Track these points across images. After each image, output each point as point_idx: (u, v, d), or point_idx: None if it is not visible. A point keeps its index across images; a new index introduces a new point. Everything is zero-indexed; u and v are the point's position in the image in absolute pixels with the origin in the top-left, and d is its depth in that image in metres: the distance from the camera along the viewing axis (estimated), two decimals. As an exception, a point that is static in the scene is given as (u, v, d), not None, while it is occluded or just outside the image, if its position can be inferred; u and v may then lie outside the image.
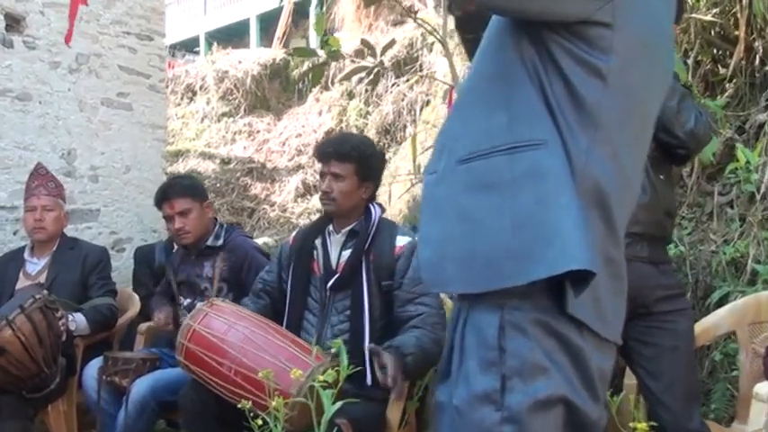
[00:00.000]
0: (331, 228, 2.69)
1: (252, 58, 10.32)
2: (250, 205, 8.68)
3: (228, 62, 10.28)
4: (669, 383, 2.33)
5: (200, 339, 2.30)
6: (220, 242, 3.18)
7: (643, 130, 1.42)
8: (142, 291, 3.85)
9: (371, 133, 8.85)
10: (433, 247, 1.38)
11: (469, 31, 1.72)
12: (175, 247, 4.11)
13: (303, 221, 7.62)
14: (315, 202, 8.65)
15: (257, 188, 8.94)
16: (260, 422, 1.86)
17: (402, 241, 2.57)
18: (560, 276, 1.22)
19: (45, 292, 2.96)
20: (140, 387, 2.81)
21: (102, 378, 2.90)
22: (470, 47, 1.69)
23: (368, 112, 9.13)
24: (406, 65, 8.94)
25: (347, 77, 4.81)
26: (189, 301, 3.19)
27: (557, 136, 1.28)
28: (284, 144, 9.51)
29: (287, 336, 2.33)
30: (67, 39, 4.02)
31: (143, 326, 3.41)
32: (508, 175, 1.28)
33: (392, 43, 5.33)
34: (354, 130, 9.16)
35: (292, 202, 8.77)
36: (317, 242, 2.68)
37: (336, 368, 2.18)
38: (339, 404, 1.83)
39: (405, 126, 8.64)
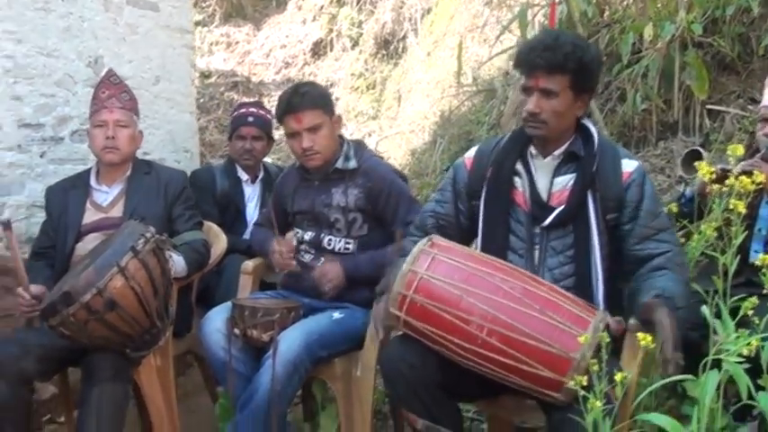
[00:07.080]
0: (533, 150, 2.15)
1: (223, -39, 9.44)
2: (238, 122, 7.95)
3: (198, -35, 9.36)
4: None
5: (433, 290, 1.78)
6: (353, 164, 2.61)
7: None
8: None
9: (369, 45, 8.21)
10: None
11: None
12: (239, 170, 3.55)
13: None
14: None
15: (245, 104, 8.20)
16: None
17: (629, 166, 2.06)
18: None
19: (152, 228, 2.38)
20: (291, 342, 2.29)
21: (234, 332, 2.38)
22: None
23: (361, 22, 8.46)
24: (402, -31, 8.29)
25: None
26: (312, 234, 2.67)
27: None
28: (268, 56, 8.79)
29: (543, 283, 1.83)
30: None
31: (248, 264, 2.82)
32: None
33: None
34: (347, 41, 8.50)
35: (284, 117, 8.11)
36: (519, 167, 2.15)
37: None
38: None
39: (405, 36, 8.02)
